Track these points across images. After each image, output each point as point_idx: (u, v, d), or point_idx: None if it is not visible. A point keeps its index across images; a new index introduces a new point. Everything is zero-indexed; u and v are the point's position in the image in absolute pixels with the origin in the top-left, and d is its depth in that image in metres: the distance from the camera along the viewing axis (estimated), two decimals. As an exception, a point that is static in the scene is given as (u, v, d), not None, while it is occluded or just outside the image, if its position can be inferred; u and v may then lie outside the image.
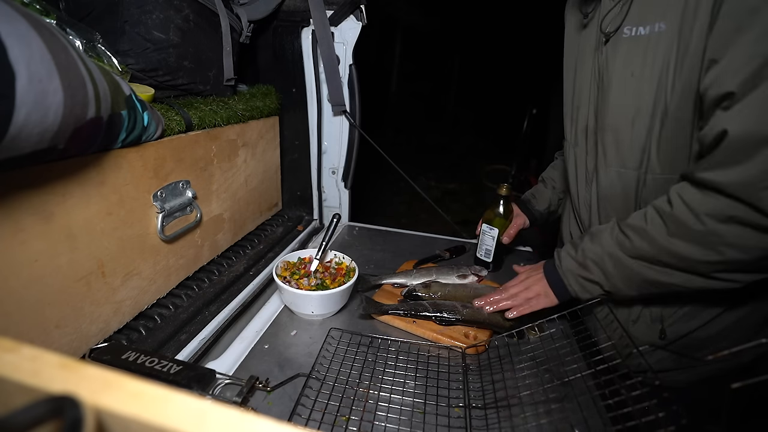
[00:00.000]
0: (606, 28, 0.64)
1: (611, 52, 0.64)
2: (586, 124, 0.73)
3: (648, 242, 0.57)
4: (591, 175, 0.73)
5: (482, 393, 0.62)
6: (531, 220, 0.98)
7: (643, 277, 0.59)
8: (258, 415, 0.18)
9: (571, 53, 0.77)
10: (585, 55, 0.72)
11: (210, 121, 0.81)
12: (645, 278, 0.59)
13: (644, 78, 0.60)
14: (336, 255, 0.88)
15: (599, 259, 0.63)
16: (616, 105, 0.64)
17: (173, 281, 0.77)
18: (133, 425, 0.17)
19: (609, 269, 0.62)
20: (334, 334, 0.72)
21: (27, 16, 0.40)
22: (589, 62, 0.70)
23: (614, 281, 0.62)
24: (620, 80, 0.63)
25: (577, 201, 0.79)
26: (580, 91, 0.73)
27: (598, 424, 0.54)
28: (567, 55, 0.79)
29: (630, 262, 0.60)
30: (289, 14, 1.03)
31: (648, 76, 0.59)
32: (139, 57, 0.71)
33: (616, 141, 0.66)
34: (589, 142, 0.73)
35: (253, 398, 0.59)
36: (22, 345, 0.19)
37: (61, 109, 0.42)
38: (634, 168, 0.64)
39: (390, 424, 0.56)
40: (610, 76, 0.64)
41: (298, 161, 1.19)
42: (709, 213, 0.51)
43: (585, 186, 0.75)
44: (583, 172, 0.75)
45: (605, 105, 0.66)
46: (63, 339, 0.55)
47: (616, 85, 0.64)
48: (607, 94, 0.65)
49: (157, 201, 0.68)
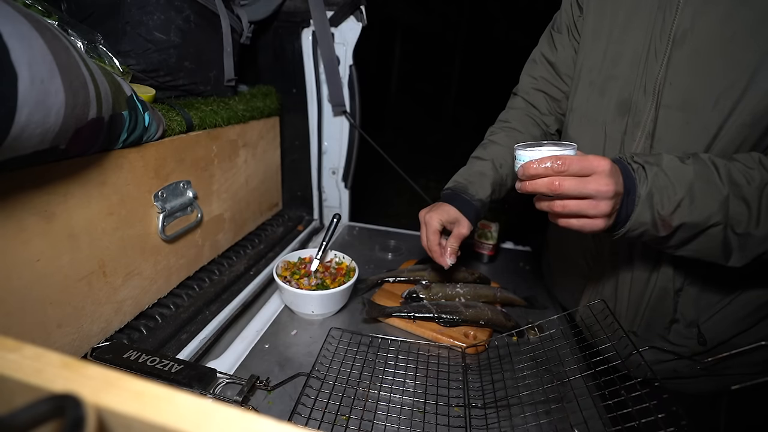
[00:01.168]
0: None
1: (701, 6, 0.52)
2: (629, 97, 0.61)
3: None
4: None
5: (482, 393, 0.62)
6: (473, 218, 0.74)
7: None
8: (258, 414, 0.18)
9: (605, 12, 0.64)
10: (637, 12, 0.60)
11: (211, 121, 0.81)
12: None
13: (748, 44, 0.49)
14: (336, 255, 0.88)
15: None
16: (698, 79, 0.53)
17: (174, 281, 0.77)
18: (134, 424, 0.17)
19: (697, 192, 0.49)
20: (334, 333, 0.73)
21: (29, 17, 0.40)
22: (645, 22, 0.58)
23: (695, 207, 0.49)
24: (713, 46, 0.52)
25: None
26: (618, 58, 0.62)
27: (598, 424, 0.54)
28: (598, 14, 0.66)
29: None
30: (289, 15, 1.03)
31: (754, 42, 0.49)
32: (140, 58, 0.71)
33: (685, 122, 0.55)
34: (631, 121, 0.61)
35: (253, 397, 0.59)
36: (24, 344, 0.19)
37: (62, 110, 0.42)
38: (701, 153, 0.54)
39: (390, 423, 0.56)
40: (698, 40, 0.53)
41: (298, 161, 1.19)
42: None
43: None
44: (611, 153, 0.63)
45: (678, 77, 0.55)
46: (65, 338, 0.56)
47: (706, 52, 0.52)
48: (681, 64, 0.54)
49: (158, 201, 0.68)
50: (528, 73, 0.83)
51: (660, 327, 0.66)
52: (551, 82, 0.79)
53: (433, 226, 0.73)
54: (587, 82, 0.68)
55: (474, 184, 0.75)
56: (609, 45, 0.64)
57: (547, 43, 0.79)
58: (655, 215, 0.49)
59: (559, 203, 0.50)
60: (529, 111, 0.82)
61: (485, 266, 1.04)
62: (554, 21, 0.79)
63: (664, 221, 0.49)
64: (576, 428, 0.55)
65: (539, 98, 0.81)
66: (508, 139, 0.79)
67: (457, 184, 0.76)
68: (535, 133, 0.80)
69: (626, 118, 0.62)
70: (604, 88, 0.65)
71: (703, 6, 0.53)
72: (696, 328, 0.64)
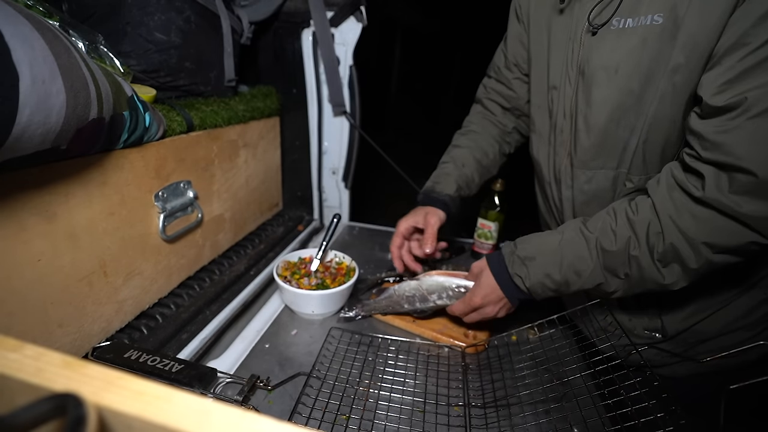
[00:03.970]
0: (594, 20, 0.59)
1: (596, 44, 0.59)
2: (562, 118, 0.68)
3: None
4: (565, 175, 0.69)
5: (482, 392, 0.62)
6: (445, 210, 0.84)
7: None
8: (259, 413, 0.18)
9: (540, 39, 0.70)
10: (559, 43, 0.66)
11: (211, 121, 0.81)
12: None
13: (632, 74, 0.56)
14: (336, 255, 0.88)
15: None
16: (600, 106, 0.60)
17: (174, 281, 0.77)
18: (135, 423, 0.17)
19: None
20: (334, 333, 0.73)
21: (30, 18, 0.40)
22: (563, 52, 0.65)
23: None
24: (604, 76, 0.59)
25: (552, 201, 0.75)
26: (555, 83, 0.68)
27: (597, 423, 0.54)
28: (535, 40, 0.72)
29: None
30: (289, 15, 1.04)
31: (637, 72, 0.56)
32: (141, 58, 0.71)
33: (599, 142, 0.62)
34: (565, 138, 0.68)
35: (254, 397, 0.59)
36: (25, 344, 0.20)
37: (63, 110, 0.42)
38: (613, 168, 0.62)
39: (390, 422, 0.57)
40: (593, 71, 0.60)
41: (298, 161, 1.19)
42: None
43: (556, 186, 0.72)
44: (554, 170, 0.71)
45: (588, 102, 0.62)
46: (66, 338, 0.56)
47: (600, 81, 0.59)
48: (589, 90, 0.61)
49: (158, 201, 0.69)
50: (483, 84, 0.93)
51: (631, 323, 0.69)
52: (500, 92, 0.88)
53: (399, 231, 0.83)
54: (535, 103, 0.75)
55: (440, 184, 0.86)
56: (542, 68, 0.71)
57: (501, 51, 0.86)
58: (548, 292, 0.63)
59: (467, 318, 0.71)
60: (486, 114, 0.93)
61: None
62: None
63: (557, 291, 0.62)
64: (575, 427, 0.55)
65: (493, 105, 0.91)
66: (470, 142, 0.90)
67: (426, 188, 0.88)
68: (493, 132, 0.91)
69: (554, 138, 0.71)
70: (543, 108, 0.73)
71: (596, 42, 0.60)
72: (659, 320, 0.66)
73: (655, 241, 0.52)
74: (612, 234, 0.56)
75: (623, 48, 0.56)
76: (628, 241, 0.54)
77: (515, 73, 0.84)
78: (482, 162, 0.89)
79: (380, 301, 0.79)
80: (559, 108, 0.68)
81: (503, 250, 0.67)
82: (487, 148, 0.89)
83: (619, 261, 0.55)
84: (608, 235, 0.56)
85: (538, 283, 0.62)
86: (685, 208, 0.50)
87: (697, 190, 0.49)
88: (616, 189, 0.64)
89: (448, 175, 0.86)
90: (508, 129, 0.91)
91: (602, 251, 0.56)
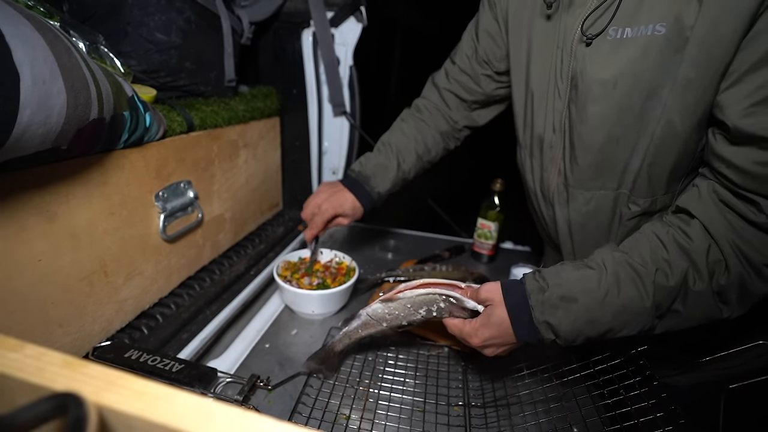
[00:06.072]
0: (588, 29, 0.53)
1: (590, 56, 0.54)
2: (551, 132, 0.62)
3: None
4: (558, 195, 0.65)
5: (482, 392, 0.62)
6: (368, 208, 0.79)
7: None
8: (259, 413, 0.18)
9: (519, 43, 0.64)
10: (543, 51, 0.60)
11: (211, 121, 0.81)
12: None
13: (632, 89, 0.52)
14: (336, 255, 0.88)
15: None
16: (596, 122, 0.56)
17: (175, 281, 0.77)
18: (135, 423, 0.18)
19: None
20: (334, 333, 0.73)
21: (31, 18, 0.40)
22: (549, 61, 0.59)
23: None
24: (601, 91, 0.54)
25: (541, 215, 0.71)
26: (537, 93, 0.63)
27: (597, 423, 0.54)
28: (514, 44, 0.66)
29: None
30: (289, 16, 1.04)
31: (637, 87, 0.51)
32: (142, 58, 0.71)
33: (596, 162, 0.58)
34: (555, 155, 0.63)
35: (254, 397, 0.59)
36: (25, 344, 0.20)
37: (64, 110, 0.42)
38: (613, 189, 0.58)
39: (390, 422, 0.57)
40: (588, 85, 0.55)
41: (298, 161, 1.19)
42: None
43: (544, 201, 0.68)
44: (541, 185, 0.67)
45: (583, 119, 0.57)
46: (66, 338, 0.56)
47: (596, 96, 0.54)
48: (584, 105, 0.56)
49: (158, 201, 0.69)
50: (446, 69, 0.84)
51: None
52: (463, 84, 0.81)
53: (325, 216, 0.78)
54: (515, 111, 0.71)
55: (376, 177, 0.81)
56: (520, 76, 0.66)
57: (472, 40, 0.78)
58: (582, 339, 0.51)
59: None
60: (440, 107, 0.86)
61: (485, 266, 1.04)
62: (476, 21, 0.77)
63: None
64: (575, 427, 0.55)
65: (450, 97, 0.84)
66: (416, 132, 0.84)
67: (360, 174, 0.81)
68: (442, 128, 0.85)
69: (541, 153, 0.66)
70: (520, 117, 0.69)
71: (591, 53, 0.54)
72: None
73: (716, 271, 0.46)
74: (666, 266, 0.47)
75: (621, 60, 0.51)
76: (686, 274, 0.47)
77: (486, 69, 0.77)
78: (423, 158, 0.85)
79: (356, 330, 0.63)
80: (546, 122, 0.63)
81: (528, 286, 0.52)
82: (432, 145, 0.85)
83: (670, 298, 0.47)
84: (663, 268, 0.47)
85: (576, 331, 0.49)
86: (745, 232, 0.45)
87: (753, 214, 0.44)
88: (616, 209, 0.60)
89: (386, 169, 0.81)
90: (458, 127, 0.86)
91: (657, 287, 0.47)
